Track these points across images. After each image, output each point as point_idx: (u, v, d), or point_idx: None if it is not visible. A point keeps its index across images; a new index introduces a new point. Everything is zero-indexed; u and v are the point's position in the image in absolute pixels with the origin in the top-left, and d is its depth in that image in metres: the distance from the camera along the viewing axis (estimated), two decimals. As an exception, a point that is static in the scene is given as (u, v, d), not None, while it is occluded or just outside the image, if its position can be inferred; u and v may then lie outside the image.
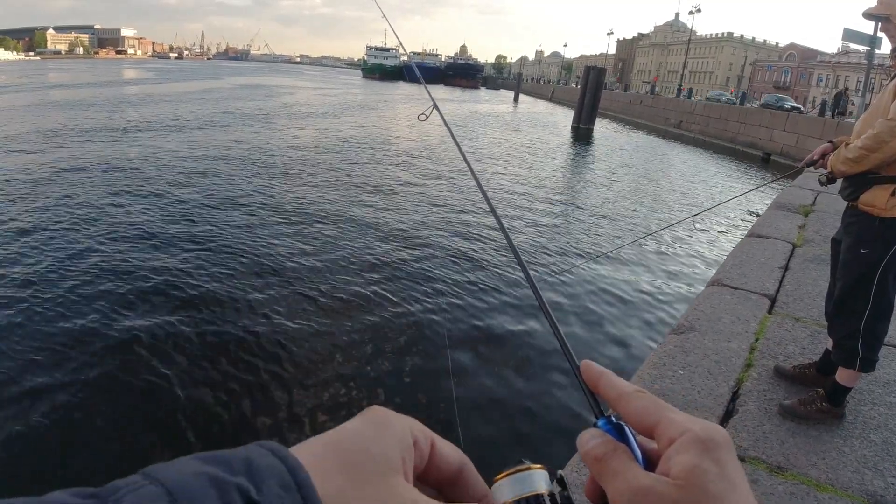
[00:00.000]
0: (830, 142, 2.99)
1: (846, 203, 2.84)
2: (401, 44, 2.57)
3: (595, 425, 0.42)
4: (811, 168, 3.14)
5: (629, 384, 0.43)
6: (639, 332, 6.91)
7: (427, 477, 0.40)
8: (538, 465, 0.44)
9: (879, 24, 2.78)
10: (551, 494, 0.42)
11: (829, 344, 2.99)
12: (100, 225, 9.35)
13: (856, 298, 2.73)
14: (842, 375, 2.80)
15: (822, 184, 2.93)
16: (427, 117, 1.60)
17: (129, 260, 7.82)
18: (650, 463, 0.39)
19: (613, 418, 0.42)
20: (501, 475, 0.43)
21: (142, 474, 0.29)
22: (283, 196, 12.36)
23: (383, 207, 12.03)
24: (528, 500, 0.41)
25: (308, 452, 0.35)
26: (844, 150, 2.71)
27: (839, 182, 2.87)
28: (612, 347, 6.48)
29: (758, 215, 8.95)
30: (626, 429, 0.41)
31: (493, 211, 0.77)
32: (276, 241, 9.03)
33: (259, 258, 8.22)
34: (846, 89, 33.74)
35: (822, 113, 30.34)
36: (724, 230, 12.66)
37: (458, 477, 0.41)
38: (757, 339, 3.61)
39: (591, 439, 0.41)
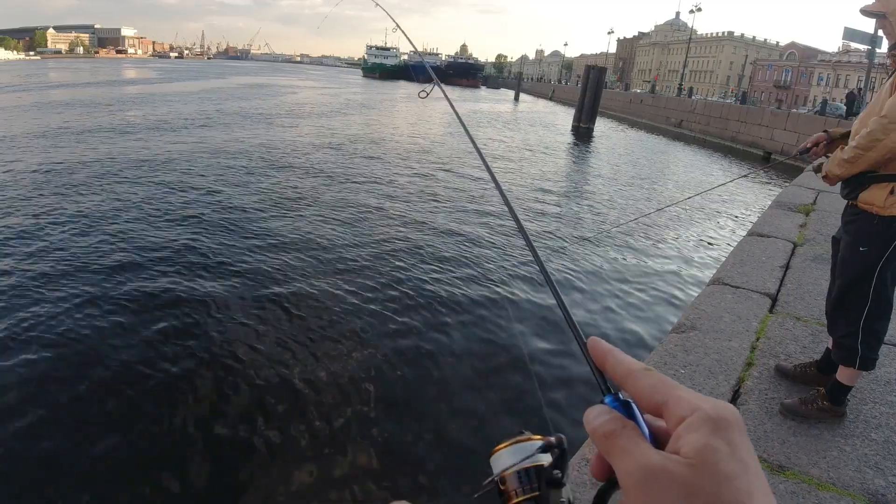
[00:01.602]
0: (825, 131, 3.00)
1: (846, 202, 2.84)
2: (411, 42, 2.55)
3: (602, 402, 0.42)
4: (804, 154, 3.15)
5: (637, 361, 0.42)
6: (640, 332, 6.93)
7: None
8: (538, 436, 0.45)
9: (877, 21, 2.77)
10: (550, 465, 0.43)
11: (830, 342, 2.98)
12: (113, 221, 9.46)
13: (855, 296, 2.72)
14: (842, 374, 2.79)
15: (816, 172, 2.95)
16: (427, 94, 1.68)
17: (145, 260, 7.86)
18: (658, 441, 0.38)
19: (621, 395, 0.41)
20: (502, 445, 0.45)
21: None
22: (290, 190, 12.57)
23: (394, 196, 12.54)
24: (528, 470, 0.43)
25: None
26: (840, 153, 2.70)
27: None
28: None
29: (752, 212, 9.05)
30: (634, 406, 0.40)
31: (498, 187, 0.77)
32: (287, 239, 9.12)
33: (270, 258, 8.28)
34: (860, 89, 33.40)
35: (822, 112, 30.32)
36: (726, 229, 12.67)
37: None
38: (758, 338, 3.61)
39: (598, 416, 0.40)
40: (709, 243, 11.10)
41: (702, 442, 0.35)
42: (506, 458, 0.45)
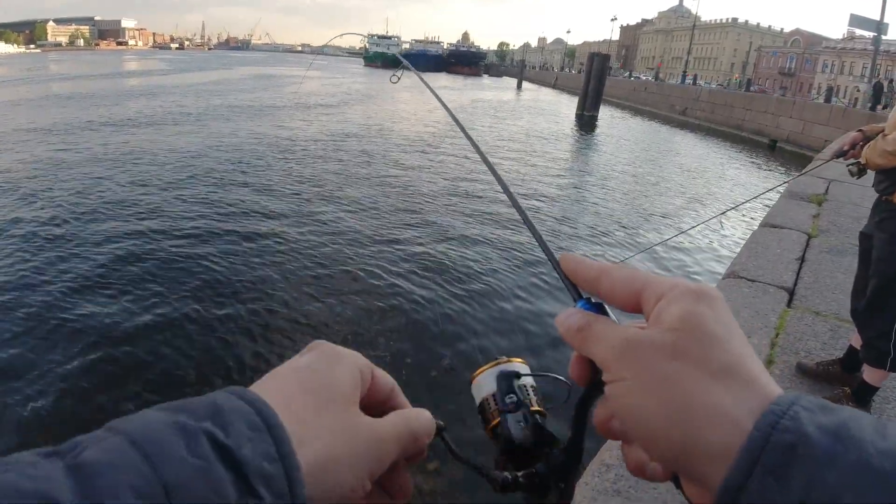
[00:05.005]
0: (860, 130, 2.86)
1: (878, 196, 2.71)
2: (391, 36, 2.50)
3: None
4: (841, 159, 2.97)
5: (610, 263, 0.41)
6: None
7: (366, 403, 0.40)
8: (504, 358, 0.49)
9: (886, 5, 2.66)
10: (521, 385, 0.47)
11: (853, 340, 2.90)
12: (126, 213, 9.54)
13: (891, 297, 2.62)
14: (870, 374, 2.71)
15: (852, 175, 2.80)
16: (399, 79, 1.82)
17: (156, 250, 7.89)
18: None
19: (592, 300, 0.40)
20: (480, 370, 0.49)
21: (105, 428, 0.29)
22: (306, 177, 13.03)
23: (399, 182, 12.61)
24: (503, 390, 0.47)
25: (269, 390, 0.35)
26: (882, 142, 2.57)
27: (871, 174, 2.74)
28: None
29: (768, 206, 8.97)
30: (607, 307, 0.40)
31: (486, 162, 0.73)
32: (286, 227, 9.18)
33: (265, 242, 8.41)
34: (891, 80, 32.13)
35: (827, 100, 30.09)
36: (738, 222, 12.52)
37: (389, 398, 0.43)
38: (777, 335, 3.53)
39: (570, 315, 0.39)
40: (722, 234, 10.99)
41: (685, 309, 0.34)
42: (484, 382, 0.48)
